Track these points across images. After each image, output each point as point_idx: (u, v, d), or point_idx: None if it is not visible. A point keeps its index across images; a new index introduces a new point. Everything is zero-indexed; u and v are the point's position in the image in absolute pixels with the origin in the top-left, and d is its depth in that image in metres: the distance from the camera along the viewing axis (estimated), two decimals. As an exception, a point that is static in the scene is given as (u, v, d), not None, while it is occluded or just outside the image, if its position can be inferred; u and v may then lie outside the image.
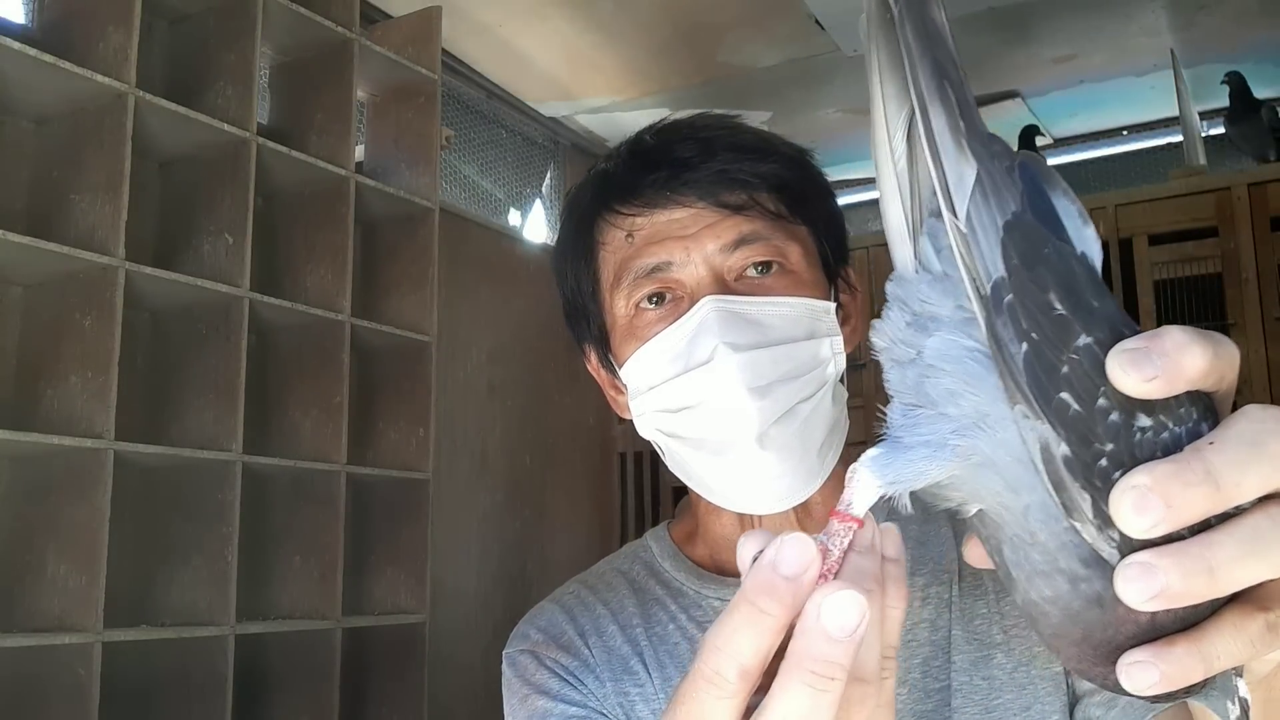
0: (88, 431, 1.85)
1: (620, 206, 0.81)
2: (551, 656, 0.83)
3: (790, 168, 0.81)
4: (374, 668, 2.45)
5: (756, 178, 0.79)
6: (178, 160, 2.23)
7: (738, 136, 0.82)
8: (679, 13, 2.87)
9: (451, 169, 3.21)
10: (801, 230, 0.81)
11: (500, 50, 3.04)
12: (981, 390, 0.38)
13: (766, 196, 0.79)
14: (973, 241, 0.38)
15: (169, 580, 2.08)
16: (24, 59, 1.82)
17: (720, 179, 0.78)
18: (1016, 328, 0.36)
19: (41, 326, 1.98)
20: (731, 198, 0.78)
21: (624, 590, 0.87)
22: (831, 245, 0.83)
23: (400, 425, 2.54)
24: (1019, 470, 0.38)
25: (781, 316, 0.76)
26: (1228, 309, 2.77)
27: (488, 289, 3.15)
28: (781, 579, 0.38)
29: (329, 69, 2.43)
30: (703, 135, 0.81)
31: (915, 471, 0.40)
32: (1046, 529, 0.38)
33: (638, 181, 0.80)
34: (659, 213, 0.79)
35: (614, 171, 0.83)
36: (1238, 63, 3.07)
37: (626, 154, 0.83)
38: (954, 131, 0.39)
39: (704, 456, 0.78)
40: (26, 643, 1.75)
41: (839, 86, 3.30)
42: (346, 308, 2.33)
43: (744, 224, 0.78)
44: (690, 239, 0.78)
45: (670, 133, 0.83)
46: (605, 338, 0.84)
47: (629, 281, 0.79)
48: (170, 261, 2.11)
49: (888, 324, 0.43)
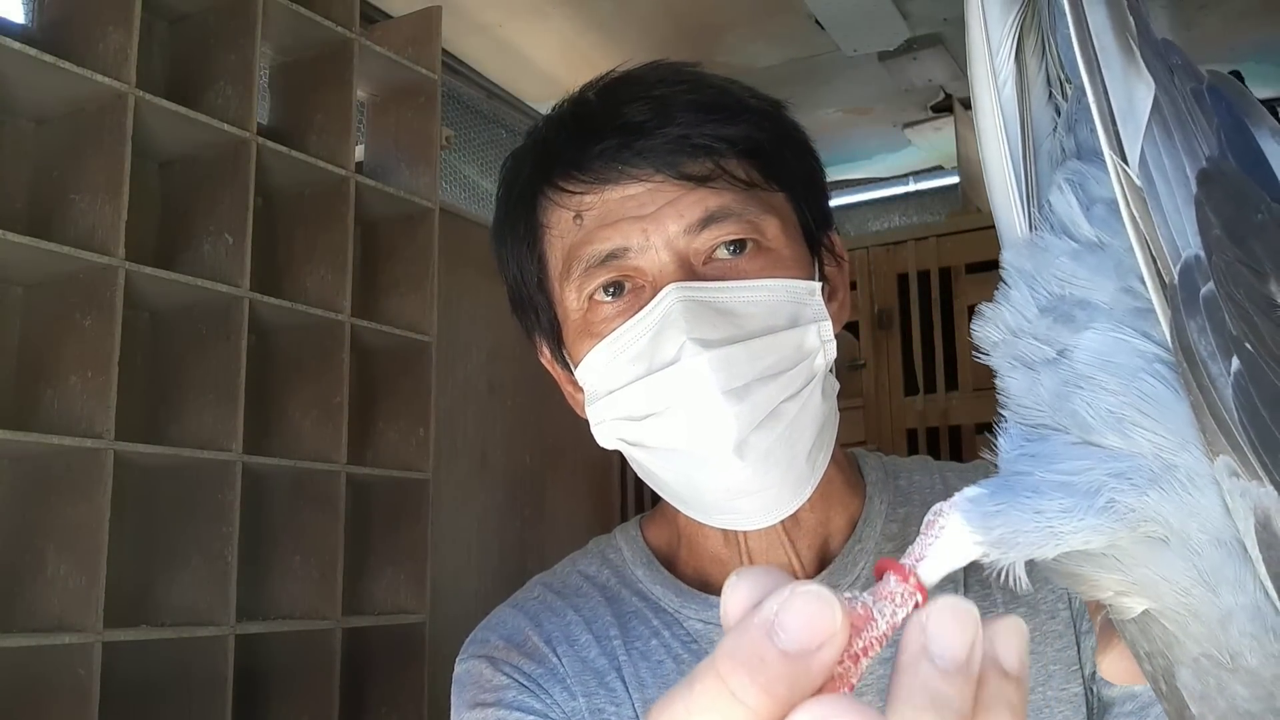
0: (88, 431, 1.85)
1: (564, 183, 0.69)
2: (511, 663, 0.74)
3: (762, 126, 0.70)
4: (374, 668, 2.44)
5: (723, 142, 0.67)
6: (178, 160, 2.23)
7: (699, 93, 0.69)
8: (679, 13, 2.87)
9: (451, 169, 3.21)
10: (778, 198, 0.70)
11: (500, 50, 3.04)
12: (1166, 422, 0.25)
13: (736, 164, 0.68)
14: (1150, 198, 0.25)
15: (169, 580, 2.08)
16: (24, 59, 1.82)
17: (680, 146, 0.66)
18: (1221, 335, 0.24)
19: (41, 326, 1.98)
20: (695, 167, 0.66)
21: (596, 598, 0.77)
22: (813, 210, 0.72)
23: (400, 425, 2.54)
24: (1220, 556, 0.25)
25: (758, 304, 0.66)
26: (1228, 309, 2.77)
27: (488, 289, 3.15)
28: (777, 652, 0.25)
29: (329, 69, 2.43)
30: (657, 93, 0.68)
31: (1041, 529, 0.26)
32: (1259, 649, 0.25)
33: (583, 152, 0.68)
34: (610, 189, 0.67)
35: (554, 140, 0.71)
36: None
37: (569, 117, 0.71)
38: (1120, 32, 0.26)
39: (675, 468, 0.68)
40: (26, 643, 1.75)
41: (839, 86, 3.30)
42: (346, 308, 2.33)
43: (711, 198, 0.66)
44: (649, 219, 0.66)
45: (618, 91, 0.70)
46: (557, 330, 0.74)
47: (580, 271, 0.68)
48: (170, 261, 2.11)
49: (1008, 309, 0.30)
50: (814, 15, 2.84)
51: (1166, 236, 0.25)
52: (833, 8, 2.80)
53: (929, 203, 3.96)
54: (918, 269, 3.10)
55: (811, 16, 2.85)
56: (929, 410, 3.05)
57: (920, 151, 3.74)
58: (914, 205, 4.00)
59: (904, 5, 2.83)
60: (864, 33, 2.94)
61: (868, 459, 0.80)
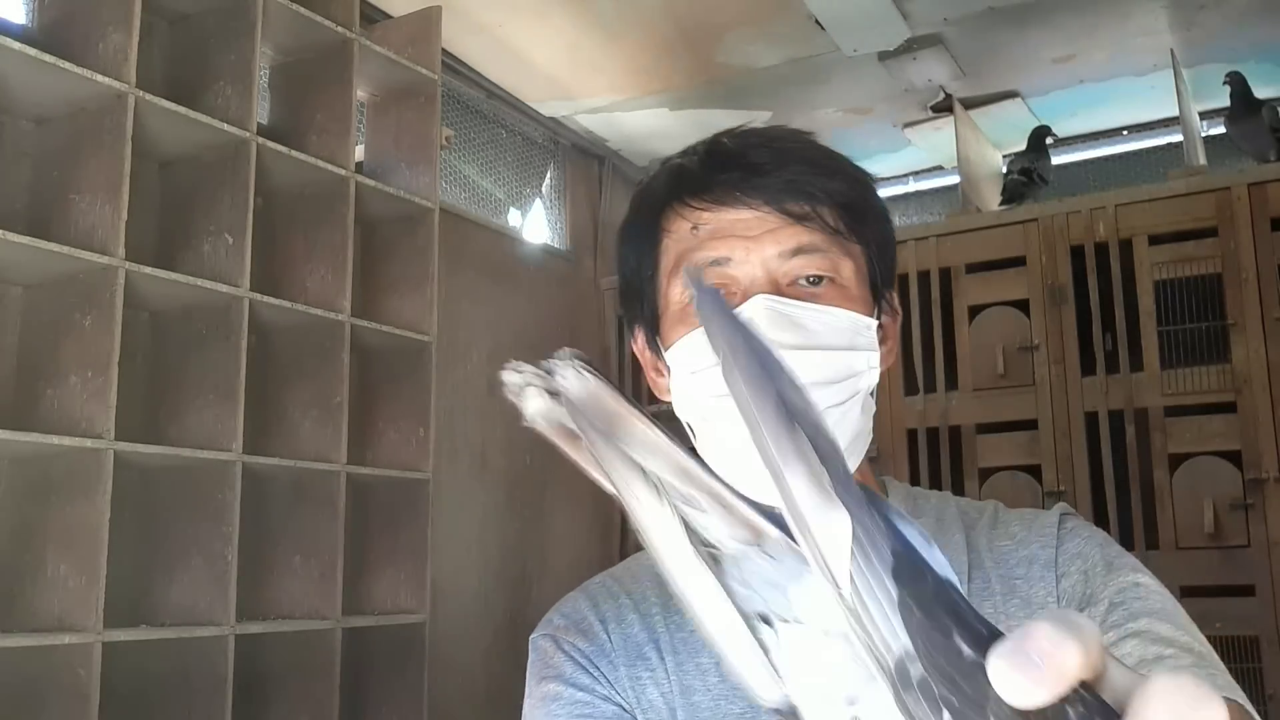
0: (88, 431, 1.85)
1: (691, 199, 0.84)
2: (570, 641, 0.86)
3: (854, 188, 0.85)
4: (374, 668, 2.44)
5: (822, 192, 0.82)
6: (178, 160, 2.23)
7: (810, 151, 0.85)
8: (679, 12, 2.87)
9: (451, 169, 3.21)
10: (856, 249, 0.84)
11: (500, 50, 3.04)
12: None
13: (829, 211, 0.82)
14: (864, 613, 0.31)
15: (169, 580, 2.08)
16: (24, 59, 1.82)
17: (788, 188, 0.81)
18: (932, 700, 0.30)
19: (41, 326, 1.98)
20: (796, 207, 0.81)
21: (648, 583, 0.89)
22: (881, 268, 0.86)
23: (400, 425, 2.54)
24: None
25: (825, 324, 0.79)
26: (1228, 309, 2.77)
27: (488, 289, 3.15)
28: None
29: (329, 69, 2.43)
30: (777, 145, 0.85)
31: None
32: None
33: (711, 179, 0.84)
34: (726, 210, 0.82)
35: (689, 167, 0.87)
36: (1238, 63, 3.07)
37: (704, 152, 0.87)
38: (817, 485, 0.32)
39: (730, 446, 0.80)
40: (26, 643, 1.75)
41: (839, 86, 3.30)
42: (346, 308, 2.33)
43: (804, 234, 0.81)
44: (752, 240, 0.81)
45: (748, 138, 0.87)
46: (656, 320, 0.88)
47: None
48: (170, 261, 2.11)
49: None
50: (814, 15, 2.84)
51: (882, 640, 0.31)
52: (833, 8, 2.80)
53: (929, 203, 3.96)
54: (918, 269, 3.10)
55: (811, 16, 2.85)
56: (929, 410, 3.05)
57: (920, 151, 3.74)
58: (914, 205, 4.00)
59: (904, 5, 2.83)
60: (864, 33, 2.94)
61: (894, 483, 0.92)
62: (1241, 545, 2.67)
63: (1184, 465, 2.76)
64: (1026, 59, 3.17)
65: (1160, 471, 2.77)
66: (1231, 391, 2.74)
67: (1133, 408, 2.83)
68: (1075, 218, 2.98)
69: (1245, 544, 2.66)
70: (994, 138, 3.58)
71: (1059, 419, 2.91)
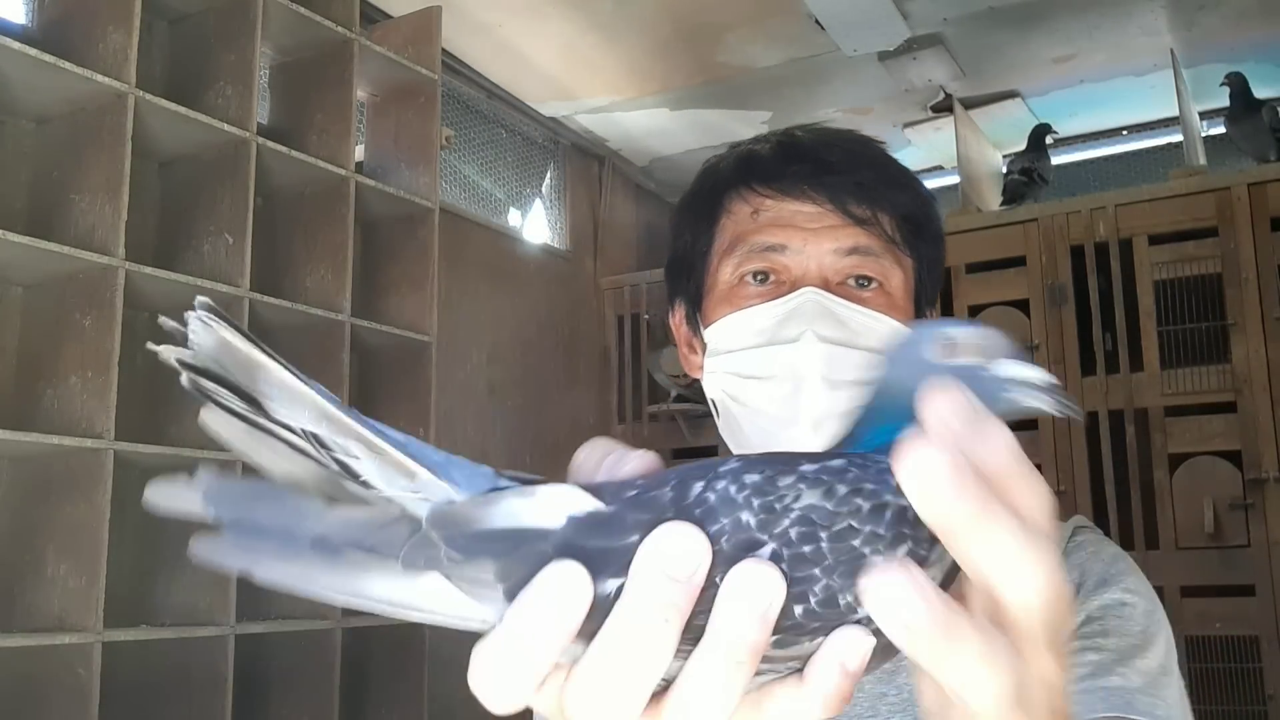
0: (88, 431, 1.85)
1: (758, 185, 0.85)
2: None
3: (917, 202, 0.87)
4: (374, 668, 2.45)
5: (886, 200, 0.84)
6: (178, 160, 2.23)
7: (881, 159, 0.87)
8: (679, 12, 2.87)
9: (451, 169, 3.21)
10: (908, 261, 0.85)
11: (500, 50, 3.04)
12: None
13: (889, 219, 0.84)
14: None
15: (169, 580, 2.08)
16: (24, 59, 1.82)
17: (855, 189, 0.82)
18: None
19: (41, 326, 1.98)
20: (858, 209, 0.82)
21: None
22: (929, 284, 0.89)
23: (400, 425, 2.49)
24: None
25: (868, 328, 0.80)
26: (1228, 309, 2.77)
27: (488, 289, 3.15)
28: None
29: (329, 69, 2.43)
30: (850, 147, 0.86)
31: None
32: None
33: (780, 169, 0.84)
34: (790, 201, 0.83)
35: (760, 154, 0.88)
36: (1238, 63, 3.07)
37: (776, 142, 0.88)
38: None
39: (759, 428, 0.82)
40: (26, 643, 1.75)
41: (839, 86, 3.30)
42: (346, 308, 2.33)
43: (862, 236, 0.82)
44: (810, 233, 0.82)
45: (823, 135, 0.88)
46: (699, 297, 0.88)
47: (742, 253, 0.84)
48: (170, 261, 2.11)
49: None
50: (814, 15, 2.84)
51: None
52: (833, 8, 2.80)
53: (929, 203, 3.95)
54: (918, 269, 3.09)
55: (811, 16, 2.85)
56: (929, 410, 3.05)
57: (920, 151, 3.74)
58: (914, 205, 3.99)
59: (904, 5, 2.82)
60: (864, 33, 2.94)
61: None
62: (1241, 545, 2.67)
63: (1184, 465, 2.76)
64: (1026, 59, 3.17)
65: (1160, 471, 2.77)
66: (1231, 391, 2.74)
67: (1133, 408, 2.83)
68: (1075, 218, 2.98)
69: (1245, 544, 2.66)
70: (994, 138, 3.58)
71: (1059, 419, 2.90)
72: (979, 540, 0.32)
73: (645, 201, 4.00)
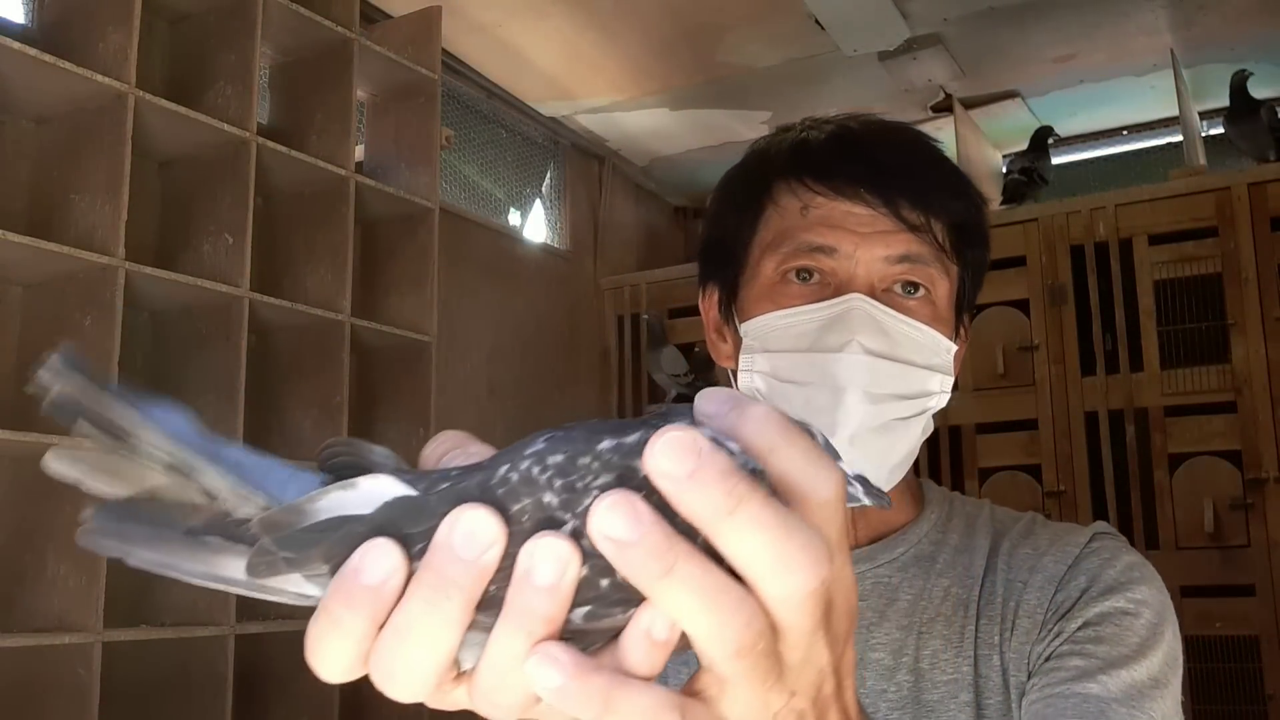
0: (88, 431, 1.85)
1: (811, 181, 0.82)
2: None
3: (970, 210, 0.85)
4: (374, 668, 2.44)
5: (941, 207, 0.82)
6: (178, 160, 2.23)
7: (940, 163, 0.86)
8: (679, 12, 2.87)
9: (451, 169, 3.21)
10: (955, 270, 0.84)
11: (500, 50, 3.04)
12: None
13: (941, 227, 0.82)
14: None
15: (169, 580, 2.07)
16: (24, 59, 1.82)
17: (910, 195, 0.80)
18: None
19: (41, 326, 1.98)
20: (912, 215, 0.80)
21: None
22: (971, 293, 0.87)
23: (400, 425, 2.54)
24: None
25: (912, 340, 0.79)
26: (1228, 309, 2.77)
27: (488, 289, 3.15)
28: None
29: (329, 69, 2.43)
30: (908, 148, 0.85)
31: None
32: None
33: (836, 166, 0.82)
34: (842, 201, 0.81)
35: (814, 143, 0.85)
36: (1238, 63, 3.07)
37: (831, 134, 0.85)
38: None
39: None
40: (26, 643, 1.75)
41: (839, 86, 3.30)
42: (346, 308, 2.33)
43: (914, 243, 0.80)
44: (861, 237, 0.80)
45: (879, 133, 0.86)
46: (736, 285, 0.86)
47: (788, 249, 0.81)
48: (170, 261, 2.11)
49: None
50: (814, 15, 2.84)
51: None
52: (833, 8, 2.80)
53: (929, 203, 3.96)
54: (918, 269, 3.10)
55: (811, 16, 2.85)
56: (929, 410, 3.05)
57: (920, 151, 3.74)
58: (914, 205, 4.00)
59: (904, 5, 2.82)
60: (864, 33, 2.94)
61: (933, 486, 0.93)
62: (1241, 545, 2.67)
63: (1184, 465, 2.76)
64: (1026, 59, 3.17)
65: (1160, 471, 2.77)
66: (1231, 391, 2.74)
67: (1133, 408, 2.83)
68: (1075, 218, 2.98)
69: (1245, 544, 2.66)
70: (994, 138, 3.58)
71: (1059, 419, 2.91)
72: (728, 531, 0.31)
73: (645, 201, 4.00)
